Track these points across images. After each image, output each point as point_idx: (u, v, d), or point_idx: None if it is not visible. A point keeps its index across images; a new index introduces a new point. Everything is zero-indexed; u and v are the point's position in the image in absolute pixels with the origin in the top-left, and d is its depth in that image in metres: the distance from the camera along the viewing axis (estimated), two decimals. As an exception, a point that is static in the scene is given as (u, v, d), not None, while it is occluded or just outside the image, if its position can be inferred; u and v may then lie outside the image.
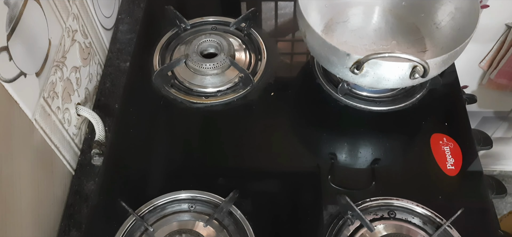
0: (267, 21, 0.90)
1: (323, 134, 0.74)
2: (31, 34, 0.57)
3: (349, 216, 0.61)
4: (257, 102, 0.77)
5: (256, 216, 0.63)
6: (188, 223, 0.63)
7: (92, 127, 0.72)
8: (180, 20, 0.86)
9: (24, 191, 0.56)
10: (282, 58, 0.84)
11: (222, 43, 0.80)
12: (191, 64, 0.78)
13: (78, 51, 0.72)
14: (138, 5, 0.94)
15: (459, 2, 0.73)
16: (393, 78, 0.64)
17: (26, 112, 0.56)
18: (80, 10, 0.73)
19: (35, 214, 0.59)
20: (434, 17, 0.78)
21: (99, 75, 0.82)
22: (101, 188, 0.67)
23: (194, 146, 0.73)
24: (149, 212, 0.63)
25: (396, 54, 0.60)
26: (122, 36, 0.88)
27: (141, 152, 0.71)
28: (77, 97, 0.72)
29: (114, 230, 0.61)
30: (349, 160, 0.70)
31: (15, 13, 0.54)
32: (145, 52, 0.83)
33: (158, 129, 0.75)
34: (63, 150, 0.67)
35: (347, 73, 0.65)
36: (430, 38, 0.78)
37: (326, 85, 0.77)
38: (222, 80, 0.78)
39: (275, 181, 0.68)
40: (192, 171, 0.69)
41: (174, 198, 0.64)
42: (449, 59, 0.64)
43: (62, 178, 0.67)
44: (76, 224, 0.65)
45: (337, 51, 0.63)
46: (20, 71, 0.54)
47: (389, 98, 0.75)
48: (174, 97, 0.76)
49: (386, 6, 0.83)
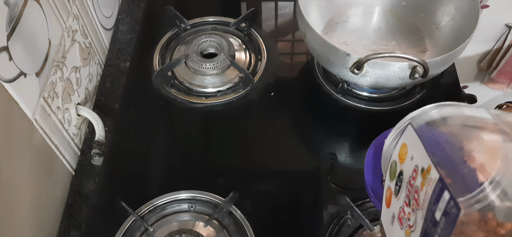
0: (267, 21, 0.90)
1: (323, 134, 0.74)
2: (31, 34, 0.57)
3: (349, 216, 0.61)
4: (257, 102, 0.77)
5: (256, 216, 0.63)
6: (188, 223, 0.63)
7: (92, 127, 0.72)
8: (180, 20, 0.86)
9: (24, 191, 0.56)
10: (282, 58, 0.84)
11: (222, 43, 0.80)
12: (191, 64, 0.78)
13: (78, 51, 0.72)
14: (138, 5, 0.94)
15: (459, 2, 0.73)
16: (393, 78, 0.64)
17: (26, 112, 0.56)
18: (80, 10, 0.73)
19: (35, 214, 0.59)
20: (434, 17, 0.78)
21: (99, 75, 0.82)
22: (101, 188, 0.67)
23: (194, 146, 0.72)
24: (149, 212, 0.63)
25: (396, 54, 0.60)
26: (122, 36, 0.88)
27: (141, 152, 0.71)
28: (77, 97, 0.72)
29: (114, 230, 0.61)
30: (349, 160, 0.70)
31: (15, 13, 0.54)
32: (145, 52, 0.83)
33: (158, 129, 0.75)
34: (63, 150, 0.67)
35: (347, 73, 0.65)
36: (430, 38, 0.78)
37: (326, 85, 0.77)
38: (222, 80, 0.78)
39: (275, 181, 0.68)
40: (192, 171, 0.69)
41: (174, 198, 0.64)
42: (449, 59, 0.64)
43: (62, 178, 0.67)
44: (76, 224, 0.65)
45: (337, 51, 0.63)
46: (20, 71, 0.54)
47: (389, 98, 0.75)
48: (174, 97, 0.76)
49: (386, 6, 0.83)
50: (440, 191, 0.36)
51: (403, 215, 0.43)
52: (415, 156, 0.42)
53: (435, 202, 0.36)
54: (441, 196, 0.36)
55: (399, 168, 0.45)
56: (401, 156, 0.45)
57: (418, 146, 0.41)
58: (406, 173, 0.43)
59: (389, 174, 0.48)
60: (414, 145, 0.43)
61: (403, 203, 0.43)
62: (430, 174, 0.38)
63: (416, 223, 0.40)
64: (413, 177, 0.42)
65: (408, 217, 0.42)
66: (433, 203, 0.37)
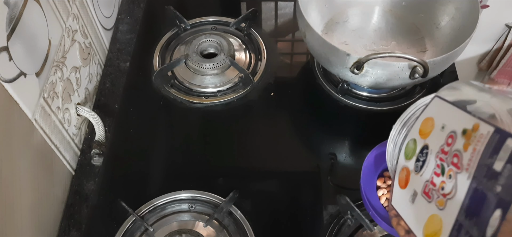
0: (267, 21, 0.90)
1: (323, 134, 0.74)
2: (31, 34, 0.57)
3: (349, 216, 0.61)
4: (257, 102, 0.77)
5: (256, 216, 0.63)
6: (188, 223, 0.63)
7: (92, 127, 0.72)
8: (180, 20, 0.86)
9: (24, 191, 0.56)
10: (282, 58, 0.84)
11: (222, 43, 0.80)
12: (191, 64, 0.78)
13: (78, 51, 0.72)
14: (138, 5, 0.94)
15: (459, 2, 0.73)
16: (393, 78, 0.64)
17: (26, 112, 0.56)
18: (80, 10, 0.73)
19: (35, 214, 0.59)
20: (434, 17, 0.78)
21: (99, 75, 0.82)
22: (101, 188, 0.67)
23: (194, 146, 0.72)
24: (149, 212, 0.63)
25: (396, 54, 0.60)
26: (122, 36, 0.88)
27: (141, 152, 0.71)
28: (77, 97, 0.72)
29: (114, 230, 0.61)
30: (349, 160, 0.70)
31: (15, 13, 0.54)
32: (145, 52, 0.83)
33: (158, 129, 0.75)
34: (63, 150, 0.67)
35: (347, 73, 0.65)
36: (430, 38, 0.78)
37: (326, 85, 0.77)
38: (222, 80, 0.78)
39: (275, 181, 0.68)
40: (192, 171, 0.69)
41: (174, 198, 0.64)
42: (449, 59, 0.64)
43: (62, 178, 0.67)
44: (76, 224, 0.65)
45: (337, 51, 0.63)
46: (20, 71, 0.54)
47: (389, 98, 0.75)
48: (174, 97, 0.76)
49: (386, 6, 0.83)
50: (500, 141, 0.36)
51: (432, 187, 0.44)
52: (448, 123, 0.43)
53: (492, 154, 0.37)
54: (501, 145, 0.36)
55: (420, 143, 0.47)
56: (424, 131, 0.47)
57: (453, 112, 0.43)
58: (435, 144, 0.45)
59: (404, 154, 0.50)
60: (444, 114, 0.44)
61: (431, 176, 0.44)
62: (479, 131, 0.39)
63: (457, 188, 0.40)
64: (448, 143, 0.43)
65: (441, 186, 0.43)
66: (489, 156, 0.37)
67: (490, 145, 0.37)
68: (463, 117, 0.42)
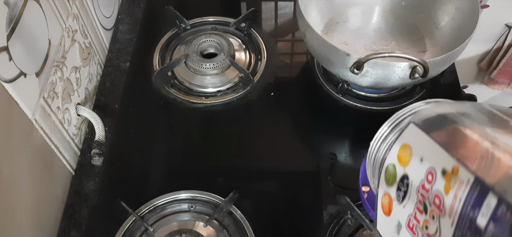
0: (267, 21, 0.90)
1: (323, 134, 0.74)
2: (31, 34, 0.57)
3: (349, 216, 0.61)
4: (257, 102, 0.77)
5: (256, 216, 0.63)
6: (188, 223, 0.63)
7: (92, 127, 0.72)
8: (180, 20, 0.86)
9: (24, 191, 0.56)
10: (282, 58, 0.84)
11: (222, 43, 0.80)
12: (191, 64, 0.78)
13: (78, 51, 0.72)
14: (138, 5, 0.94)
15: (459, 2, 0.73)
16: (393, 78, 0.64)
17: (26, 112, 0.56)
18: (80, 10, 0.73)
19: (35, 214, 0.59)
20: (434, 17, 0.78)
21: (99, 75, 0.82)
22: (101, 188, 0.67)
23: (194, 146, 0.72)
24: (149, 212, 0.63)
25: (396, 54, 0.60)
26: (122, 36, 0.88)
27: (141, 152, 0.71)
28: (77, 97, 0.72)
29: (114, 230, 0.61)
30: (349, 160, 0.70)
31: (15, 13, 0.54)
32: (145, 52, 0.83)
33: (158, 129, 0.75)
34: (63, 150, 0.67)
35: (347, 73, 0.65)
36: (430, 38, 0.78)
37: (326, 85, 0.77)
38: (222, 80, 0.78)
39: (275, 181, 0.68)
40: (192, 171, 0.69)
41: (174, 198, 0.64)
42: (449, 59, 0.64)
43: (62, 178, 0.67)
44: (76, 224, 0.65)
45: (337, 51, 0.63)
46: (20, 71, 0.54)
47: (389, 98, 0.75)
48: (174, 97, 0.76)
49: (386, 6, 0.83)
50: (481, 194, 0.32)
51: (415, 223, 0.40)
52: (427, 157, 0.38)
53: (474, 206, 0.33)
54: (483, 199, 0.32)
55: (400, 171, 0.42)
56: (402, 158, 0.42)
57: (431, 146, 0.38)
58: (415, 176, 0.40)
59: (385, 179, 0.45)
60: (422, 145, 0.39)
61: (413, 210, 0.40)
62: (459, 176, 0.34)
63: (441, 231, 0.36)
64: (428, 181, 0.38)
65: (424, 225, 0.39)
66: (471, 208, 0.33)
67: (471, 195, 0.33)
68: (442, 155, 0.37)
